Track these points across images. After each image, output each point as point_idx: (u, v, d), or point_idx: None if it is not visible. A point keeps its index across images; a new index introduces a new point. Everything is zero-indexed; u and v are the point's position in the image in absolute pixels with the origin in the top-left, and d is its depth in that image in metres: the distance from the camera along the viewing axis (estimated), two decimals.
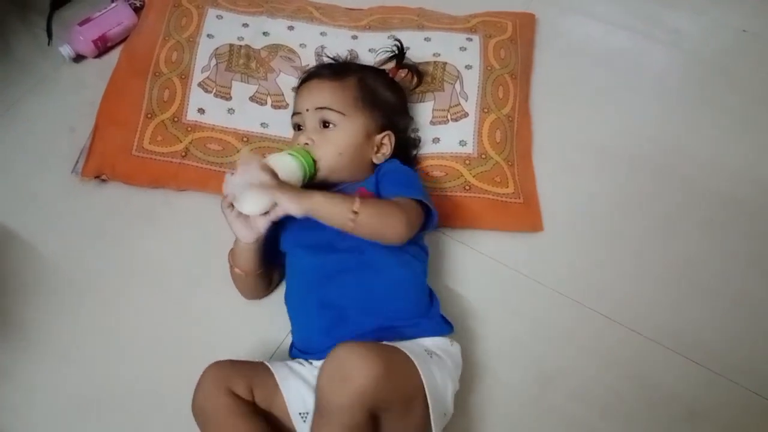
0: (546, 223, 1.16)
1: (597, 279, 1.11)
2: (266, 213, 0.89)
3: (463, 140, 1.19)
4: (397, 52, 1.16)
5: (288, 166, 0.92)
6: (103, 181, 1.17)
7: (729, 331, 1.07)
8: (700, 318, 1.08)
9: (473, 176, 1.16)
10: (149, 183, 1.17)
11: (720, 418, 0.98)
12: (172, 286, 1.08)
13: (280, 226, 0.95)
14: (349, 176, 1.00)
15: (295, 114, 1.05)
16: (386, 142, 1.03)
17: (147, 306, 1.06)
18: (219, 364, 0.85)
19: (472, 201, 1.15)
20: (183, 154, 1.17)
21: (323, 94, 1.01)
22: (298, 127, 1.04)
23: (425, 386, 0.78)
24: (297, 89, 1.10)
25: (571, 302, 1.08)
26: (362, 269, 0.91)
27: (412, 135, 1.18)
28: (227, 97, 1.23)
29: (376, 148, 1.02)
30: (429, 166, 1.17)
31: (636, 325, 1.06)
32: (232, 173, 0.88)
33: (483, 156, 1.18)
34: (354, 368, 0.72)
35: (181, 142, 1.18)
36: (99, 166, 1.16)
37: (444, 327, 0.92)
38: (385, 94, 1.07)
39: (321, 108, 0.99)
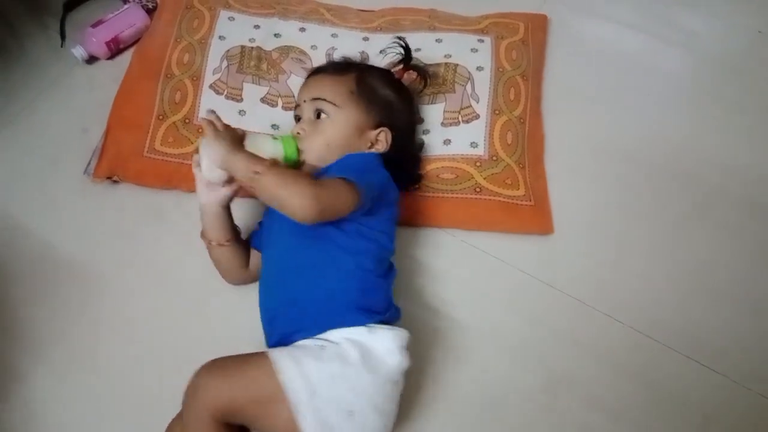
0: (557, 226, 1.15)
1: (609, 282, 1.10)
2: (230, 183, 0.93)
3: (474, 142, 1.18)
4: (404, 54, 1.15)
5: (265, 148, 0.94)
6: (115, 182, 1.18)
7: (743, 335, 1.06)
8: (712, 322, 1.07)
9: (484, 178, 1.15)
10: (160, 184, 1.17)
11: (734, 425, 0.97)
12: (183, 287, 1.08)
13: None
14: None
15: (296, 106, 1.07)
16: (381, 139, 1.02)
17: (158, 306, 1.06)
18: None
19: (482, 203, 1.14)
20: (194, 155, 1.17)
21: (320, 85, 1.03)
22: (297, 119, 1.05)
23: (284, 387, 0.78)
24: (303, 83, 1.10)
25: (583, 306, 1.07)
26: (283, 272, 0.93)
27: (417, 139, 1.17)
28: (238, 99, 1.23)
29: (370, 144, 1.02)
30: (440, 168, 1.16)
31: (648, 329, 1.05)
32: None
33: (494, 158, 1.17)
34: (198, 386, 0.80)
35: (192, 143, 1.18)
36: (111, 167, 1.17)
37: (358, 318, 0.87)
38: (385, 91, 1.06)
39: (316, 99, 1.01)
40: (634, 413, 0.98)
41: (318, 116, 1.00)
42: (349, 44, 1.30)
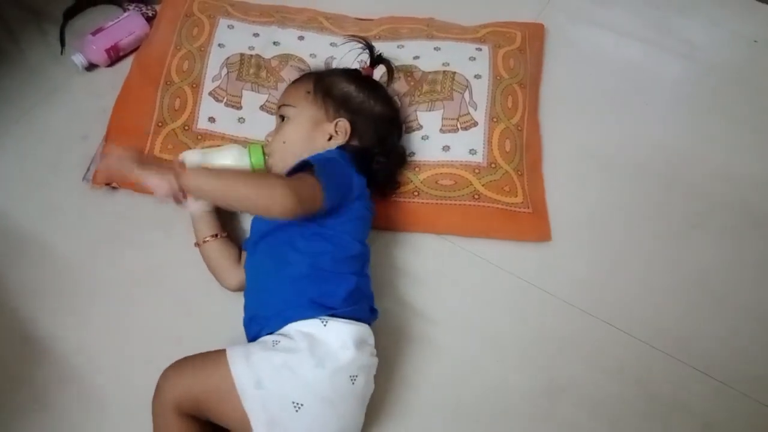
0: (555, 233, 1.15)
1: (607, 289, 1.10)
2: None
3: (473, 149, 1.19)
4: (368, 52, 1.17)
5: (227, 159, 1.01)
6: (114, 188, 1.18)
7: (742, 343, 1.06)
8: (712, 329, 1.07)
9: (482, 185, 1.16)
10: None
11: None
12: (180, 293, 1.08)
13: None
14: None
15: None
16: (340, 129, 1.03)
17: (156, 312, 1.06)
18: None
19: (481, 210, 1.14)
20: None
21: (285, 93, 1.10)
22: None
23: (233, 378, 0.82)
24: None
25: (581, 312, 1.08)
26: (254, 277, 0.98)
27: (400, 127, 1.16)
28: (238, 106, 1.24)
29: (329, 136, 1.03)
30: (438, 174, 1.16)
31: (646, 336, 1.05)
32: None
33: (492, 165, 1.18)
34: (160, 385, 0.86)
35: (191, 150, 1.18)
36: (110, 173, 1.17)
37: (310, 312, 0.88)
38: (342, 85, 1.07)
39: (281, 105, 1.08)
40: (632, 421, 0.98)
41: (282, 120, 1.06)
42: (347, 53, 1.31)
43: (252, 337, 0.94)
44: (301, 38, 1.34)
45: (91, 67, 1.36)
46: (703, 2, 1.56)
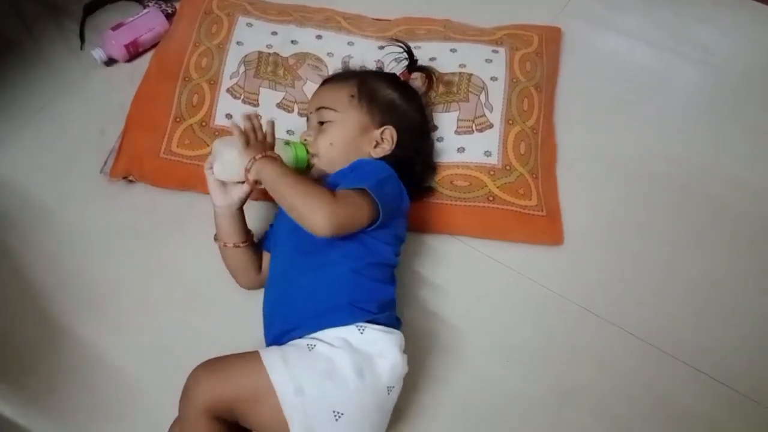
0: (568, 236, 1.15)
1: (618, 294, 1.10)
2: (242, 183, 0.96)
3: (488, 151, 1.19)
4: (408, 57, 1.17)
5: (279, 152, 0.96)
6: (131, 181, 1.19)
7: (753, 350, 1.05)
8: (723, 336, 1.07)
9: (497, 187, 1.16)
10: (175, 185, 1.18)
11: None
12: (194, 288, 1.09)
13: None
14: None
15: (307, 119, 1.10)
16: (387, 137, 1.03)
17: (171, 307, 1.07)
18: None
19: (495, 212, 1.15)
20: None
21: (323, 95, 1.07)
22: None
23: (272, 384, 0.80)
24: None
25: (592, 316, 1.08)
26: (284, 272, 0.95)
27: (429, 139, 1.17)
28: (255, 104, 1.25)
29: (375, 143, 1.03)
30: (453, 175, 1.17)
31: (657, 341, 1.05)
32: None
33: (507, 167, 1.18)
34: (190, 384, 0.82)
35: (208, 146, 1.19)
36: (127, 166, 1.18)
37: (348, 317, 0.87)
38: (387, 92, 1.07)
39: (319, 108, 1.04)
40: (641, 424, 0.98)
41: (322, 123, 1.03)
42: (364, 52, 1.32)
43: (275, 337, 0.91)
44: (318, 37, 1.35)
45: (110, 62, 1.37)
46: (719, 9, 1.55)
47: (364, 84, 1.06)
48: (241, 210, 1.01)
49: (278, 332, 0.91)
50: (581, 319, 1.07)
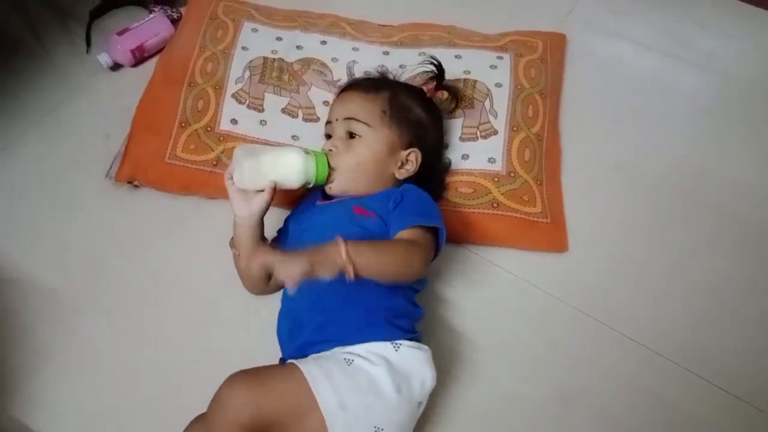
0: (573, 243, 1.15)
1: (622, 300, 1.10)
2: (262, 191, 0.94)
3: (492, 158, 1.19)
4: (437, 72, 1.15)
5: (292, 161, 0.94)
6: (136, 186, 1.19)
7: (754, 356, 1.05)
8: (727, 343, 1.06)
9: (501, 194, 1.16)
10: (180, 190, 1.19)
11: None
12: (199, 292, 1.09)
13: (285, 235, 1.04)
14: (367, 189, 1.00)
15: (327, 123, 1.06)
16: (412, 159, 1.02)
17: (174, 311, 1.07)
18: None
19: (499, 219, 1.15)
20: (214, 163, 1.19)
21: (353, 104, 1.03)
22: (328, 137, 1.05)
23: (317, 399, 0.78)
24: (334, 99, 1.11)
25: (595, 323, 1.08)
26: (313, 286, 0.90)
27: (443, 158, 1.17)
28: (260, 109, 1.25)
29: (400, 164, 1.02)
30: (458, 182, 1.17)
31: (661, 348, 1.05)
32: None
33: (512, 174, 1.18)
34: (226, 397, 0.78)
35: (213, 151, 1.20)
36: (132, 171, 1.18)
37: (385, 334, 0.87)
38: (417, 111, 1.06)
39: (348, 118, 1.01)
40: (643, 430, 0.98)
41: (350, 136, 1.01)
42: (369, 58, 1.32)
43: (299, 347, 0.90)
44: (323, 43, 1.35)
45: (116, 66, 1.38)
46: (722, 15, 1.55)
47: (396, 99, 1.04)
48: (261, 220, 0.98)
49: (305, 341, 0.89)
50: (584, 325, 1.07)
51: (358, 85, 1.08)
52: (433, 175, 1.10)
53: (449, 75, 1.26)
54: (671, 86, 1.42)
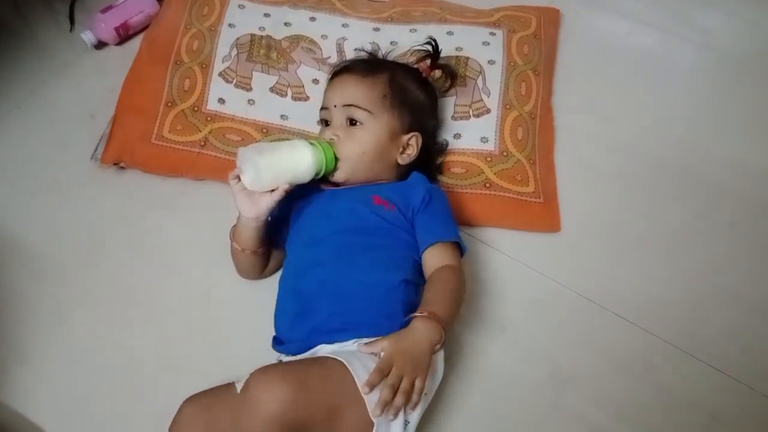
0: (566, 223, 1.14)
1: (615, 280, 1.10)
2: (272, 191, 0.91)
3: (484, 137, 1.17)
4: (432, 51, 1.12)
5: (305, 156, 0.92)
6: (122, 168, 1.18)
7: (752, 337, 1.05)
8: (721, 322, 1.06)
9: (494, 173, 1.14)
10: (167, 171, 1.17)
11: (740, 426, 0.97)
12: (188, 275, 1.08)
13: (285, 225, 1.00)
14: (370, 176, 0.99)
15: (322, 109, 1.03)
16: (413, 143, 1.01)
17: (163, 294, 1.06)
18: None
19: (492, 199, 1.13)
20: (202, 143, 1.16)
21: (352, 90, 1.00)
22: (325, 123, 1.02)
23: (359, 386, 0.76)
24: (328, 82, 1.07)
25: (590, 303, 1.07)
26: (337, 263, 0.90)
27: (439, 139, 1.16)
28: (247, 88, 1.22)
29: (401, 149, 1.00)
30: (450, 162, 1.15)
31: (656, 328, 1.04)
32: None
33: (504, 153, 1.16)
34: (258, 396, 0.73)
35: (200, 131, 1.18)
36: (118, 153, 1.16)
37: (403, 327, 0.85)
38: (416, 93, 1.04)
39: (349, 105, 0.98)
40: (640, 412, 0.98)
41: (351, 123, 0.98)
42: (359, 34, 1.29)
43: (306, 333, 0.88)
44: (312, 19, 1.32)
45: (100, 45, 1.35)
46: None
47: (395, 82, 1.01)
48: (266, 220, 0.96)
49: (317, 327, 0.87)
50: (578, 306, 1.07)
51: (355, 69, 1.04)
52: (431, 158, 1.09)
53: (441, 52, 1.24)
54: (667, 63, 1.40)
